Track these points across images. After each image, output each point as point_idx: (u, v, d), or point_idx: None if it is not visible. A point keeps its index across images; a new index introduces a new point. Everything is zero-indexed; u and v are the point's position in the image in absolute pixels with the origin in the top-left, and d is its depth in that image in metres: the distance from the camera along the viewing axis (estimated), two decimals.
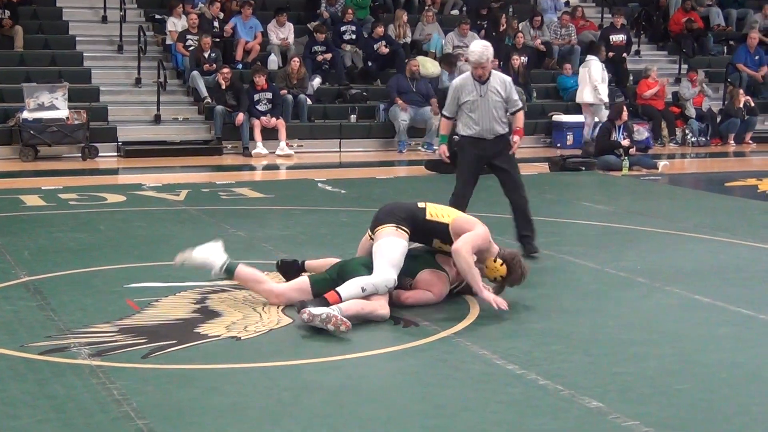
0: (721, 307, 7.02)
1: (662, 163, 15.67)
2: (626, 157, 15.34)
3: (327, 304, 6.29)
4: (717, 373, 5.57)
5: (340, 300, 6.36)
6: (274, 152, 16.71)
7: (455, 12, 21.85)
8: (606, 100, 17.97)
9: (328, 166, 16.00)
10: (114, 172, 15.29)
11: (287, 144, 16.90)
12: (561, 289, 7.68)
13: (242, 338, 6.06)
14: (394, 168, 15.92)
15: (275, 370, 5.49)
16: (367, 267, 6.71)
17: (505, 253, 6.93)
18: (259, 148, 16.67)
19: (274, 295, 6.81)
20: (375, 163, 16.28)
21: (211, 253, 6.84)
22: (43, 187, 12.46)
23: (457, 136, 8.61)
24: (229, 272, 6.83)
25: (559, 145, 18.66)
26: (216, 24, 18.88)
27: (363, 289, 6.48)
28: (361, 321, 6.34)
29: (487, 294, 6.71)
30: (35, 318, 6.41)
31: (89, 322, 6.32)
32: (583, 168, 15.33)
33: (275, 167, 15.96)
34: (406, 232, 6.82)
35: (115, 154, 16.40)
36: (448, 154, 9.00)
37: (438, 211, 7.00)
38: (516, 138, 8.78)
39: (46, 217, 10.35)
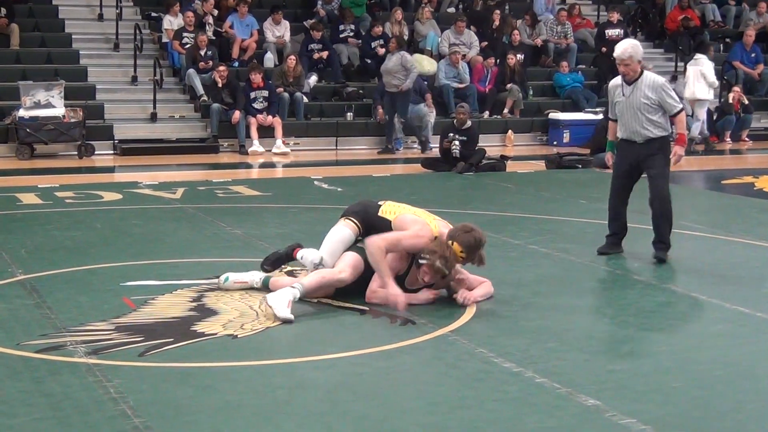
0: (717, 305, 7.02)
1: None
2: None
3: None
4: (712, 371, 5.57)
5: None
6: (270, 150, 16.71)
7: (451, 10, 21.84)
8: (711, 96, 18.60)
9: (325, 164, 16.01)
10: (110, 170, 15.29)
11: (283, 142, 16.89)
12: (557, 286, 7.68)
13: (238, 336, 6.06)
14: (390, 166, 15.90)
15: (271, 368, 5.49)
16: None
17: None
18: (256, 146, 16.67)
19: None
20: (371, 161, 16.27)
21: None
22: (39, 186, 12.46)
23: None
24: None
25: (555, 142, 18.66)
26: (211, 21, 18.85)
27: (301, 257, 7.09)
28: (330, 289, 6.77)
29: (389, 291, 6.60)
30: (31, 316, 6.41)
31: (85, 320, 6.31)
32: (579, 165, 15.36)
33: (271, 165, 15.96)
34: (355, 224, 6.99)
35: (112, 152, 16.40)
36: (609, 163, 8.81)
37: (391, 209, 7.04)
38: (677, 149, 8.39)
39: (43, 215, 10.34)
